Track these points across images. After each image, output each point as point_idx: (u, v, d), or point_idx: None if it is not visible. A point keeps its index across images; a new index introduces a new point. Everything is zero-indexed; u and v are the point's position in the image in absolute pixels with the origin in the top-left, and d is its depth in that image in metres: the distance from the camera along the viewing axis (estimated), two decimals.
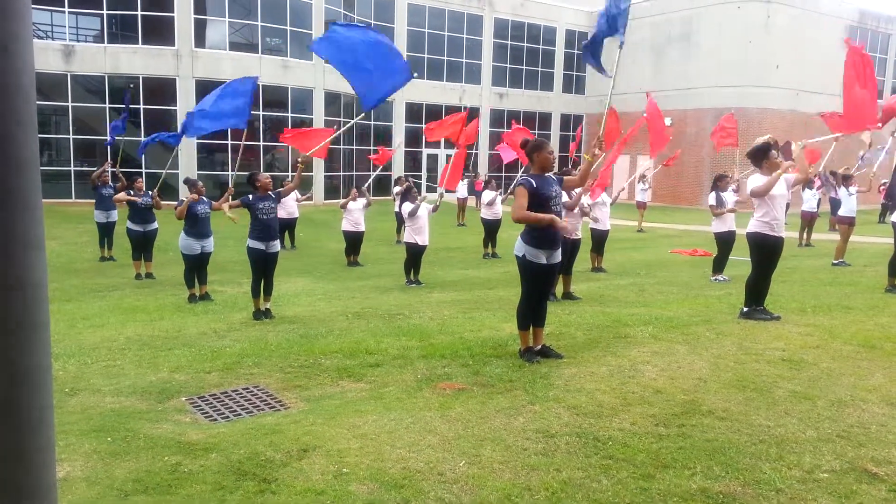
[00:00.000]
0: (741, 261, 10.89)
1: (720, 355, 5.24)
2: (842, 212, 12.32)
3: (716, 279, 10.22)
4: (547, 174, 5.15)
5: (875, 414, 4.04)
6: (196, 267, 9.16)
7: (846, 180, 12.34)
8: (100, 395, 4.84)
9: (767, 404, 4.18)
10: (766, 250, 6.52)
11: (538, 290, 5.22)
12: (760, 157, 6.57)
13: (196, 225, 9.01)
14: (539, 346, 5.29)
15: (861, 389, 4.46)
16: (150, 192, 11.08)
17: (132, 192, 11.13)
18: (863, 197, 13.21)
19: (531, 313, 5.24)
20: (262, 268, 7.82)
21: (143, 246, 11.29)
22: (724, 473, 3.28)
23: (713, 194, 10.26)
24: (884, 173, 18.63)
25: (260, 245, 7.73)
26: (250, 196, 7.74)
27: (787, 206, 16.41)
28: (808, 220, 15.74)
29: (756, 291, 6.64)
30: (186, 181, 9.56)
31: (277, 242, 8.00)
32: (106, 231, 13.17)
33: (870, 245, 15.19)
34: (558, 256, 5.23)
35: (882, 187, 22.63)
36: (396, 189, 16.06)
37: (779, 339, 5.73)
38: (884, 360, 5.13)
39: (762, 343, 5.60)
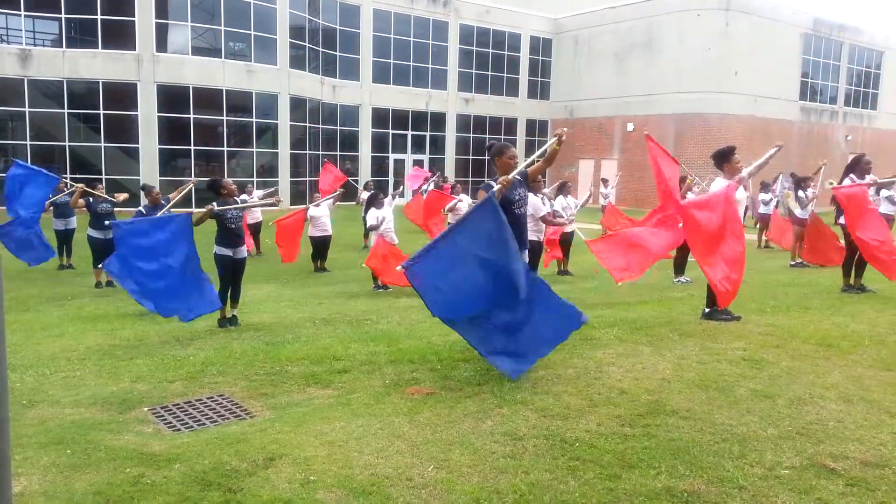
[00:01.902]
0: None
1: (683, 356, 5.32)
2: (797, 212, 12.63)
3: (678, 280, 10.40)
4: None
5: (832, 411, 4.15)
6: None
7: (802, 182, 12.65)
8: (59, 406, 4.72)
9: (729, 403, 4.27)
10: None
11: None
12: (722, 160, 6.76)
13: None
14: None
15: (819, 387, 4.57)
16: (108, 199, 10.90)
17: (90, 199, 10.87)
18: (819, 199, 13.55)
19: None
20: (231, 274, 7.71)
21: (104, 253, 11.03)
22: (689, 472, 3.33)
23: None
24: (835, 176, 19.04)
25: (227, 251, 7.62)
26: (216, 205, 7.58)
27: (746, 209, 16.77)
28: (765, 223, 16.10)
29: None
30: (143, 188, 9.41)
31: (244, 248, 7.91)
32: (64, 239, 12.86)
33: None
34: (525, 258, 5.27)
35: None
36: (364, 195, 15.99)
37: (740, 339, 5.85)
38: (840, 359, 5.27)
39: (724, 343, 5.71)
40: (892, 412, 4.13)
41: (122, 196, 11.28)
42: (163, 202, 9.00)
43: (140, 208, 9.02)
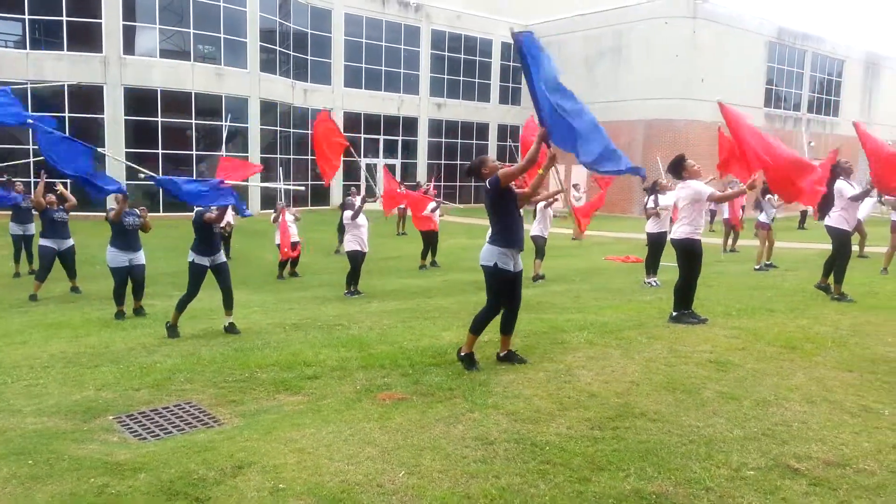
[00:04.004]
0: (670, 266, 11.25)
1: (651, 358, 5.39)
2: (761, 218, 12.89)
3: (648, 283, 10.52)
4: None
5: (797, 412, 4.23)
6: (126, 282, 8.81)
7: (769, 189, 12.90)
8: (20, 415, 4.60)
9: (696, 405, 4.33)
10: (694, 254, 6.80)
11: (505, 299, 5.27)
12: (679, 168, 6.91)
13: (124, 237, 8.69)
14: (505, 352, 5.37)
15: (784, 389, 4.66)
16: (62, 207, 10.54)
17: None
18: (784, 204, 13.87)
19: (504, 321, 5.34)
20: (201, 283, 7.56)
21: (52, 266, 10.46)
22: (657, 474, 3.37)
23: (652, 197, 10.65)
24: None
25: (205, 261, 7.49)
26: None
27: (714, 213, 16.97)
28: (732, 227, 16.38)
29: (685, 296, 6.88)
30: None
31: (222, 253, 7.74)
32: (24, 244, 12.50)
33: (791, 250, 15.91)
34: (521, 263, 5.31)
35: None
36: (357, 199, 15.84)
37: (706, 341, 5.94)
38: (804, 361, 5.38)
39: (691, 346, 5.79)
40: (854, 412, 4.23)
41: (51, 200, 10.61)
42: (136, 209, 8.80)
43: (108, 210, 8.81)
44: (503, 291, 5.25)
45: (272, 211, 15.08)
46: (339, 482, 3.30)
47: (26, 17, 22.26)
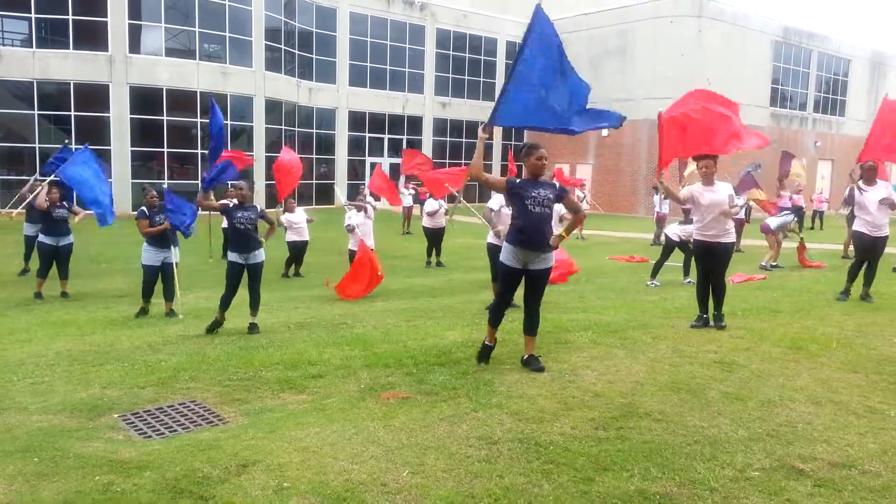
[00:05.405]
0: (673, 265, 11.22)
1: (656, 359, 5.38)
2: (769, 222, 12.91)
3: (651, 284, 10.51)
4: (539, 179, 5.16)
5: (801, 413, 4.22)
6: (155, 281, 8.75)
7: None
8: (26, 413, 4.62)
9: (701, 405, 4.32)
10: (693, 252, 6.76)
11: (510, 292, 5.24)
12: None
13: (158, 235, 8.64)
14: (527, 356, 5.24)
15: (789, 389, 4.65)
16: (65, 204, 10.35)
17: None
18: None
19: (524, 321, 5.29)
20: (237, 282, 7.51)
21: (53, 262, 10.37)
22: (661, 474, 3.36)
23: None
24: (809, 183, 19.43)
25: (238, 259, 7.46)
26: (230, 203, 7.49)
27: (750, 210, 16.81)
28: (737, 228, 16.34)
29: (698, 295, 6.80)
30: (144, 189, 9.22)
31: (258, 253, 7.59)
32: (35, 244, 12.46)
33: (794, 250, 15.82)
34: (544, 262, 5.15)
35: (818, 197, 23.85)
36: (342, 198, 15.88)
37: (711, 342, 5.93)
38: (809, 361, 5.36)
39: (695, 346, 5.78)
40: (859, 413, 4.22)
41: (80, 215, 10.46)
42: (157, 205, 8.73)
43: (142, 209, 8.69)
44: (505, 283, 5.22)
45: (279, 207, 15.07)
46: (344, 481, 3.30)
47: (33, 15, 22.34)
